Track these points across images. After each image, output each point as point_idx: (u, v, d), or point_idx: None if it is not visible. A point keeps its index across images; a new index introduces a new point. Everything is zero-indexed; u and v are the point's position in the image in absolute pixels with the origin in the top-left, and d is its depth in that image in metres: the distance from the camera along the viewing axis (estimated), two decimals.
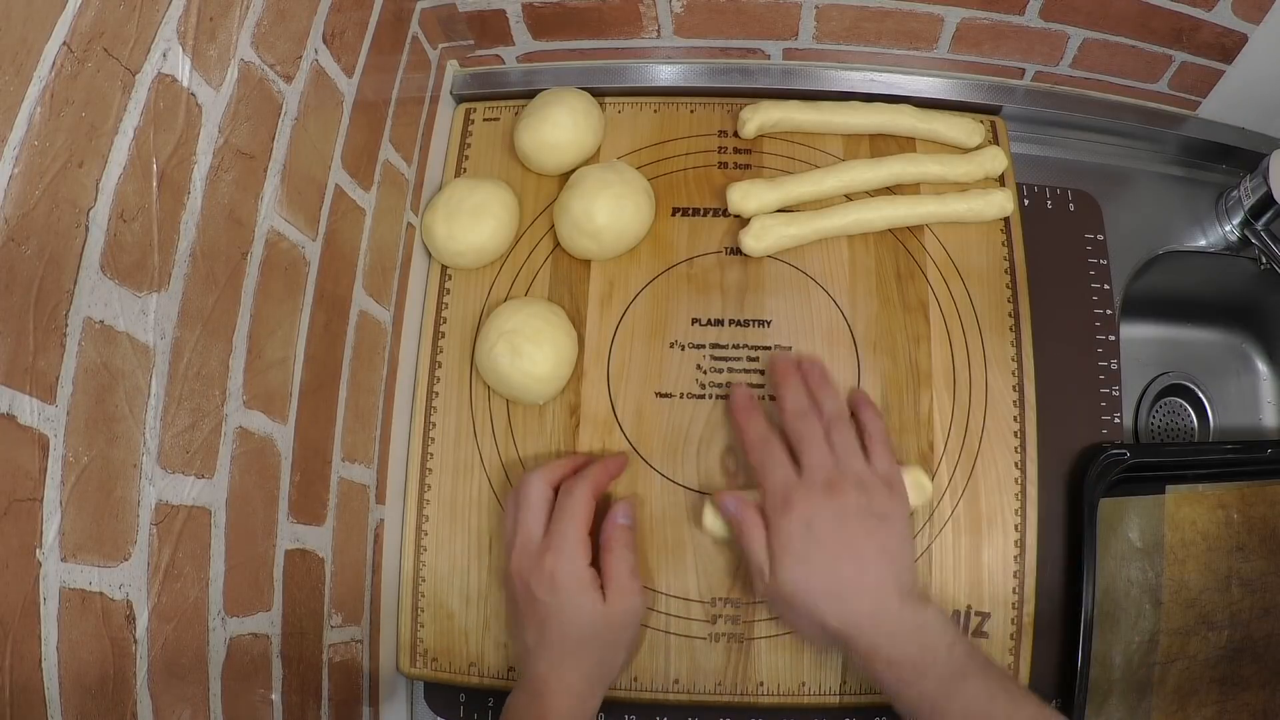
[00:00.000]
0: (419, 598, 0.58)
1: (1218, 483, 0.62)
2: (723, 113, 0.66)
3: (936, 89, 0.67)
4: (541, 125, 0.62)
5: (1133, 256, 0.67)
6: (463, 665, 0.58)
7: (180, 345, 0.37)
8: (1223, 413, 0.80)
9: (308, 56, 0.46)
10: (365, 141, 0.54)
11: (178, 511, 0.37)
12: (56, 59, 0.30)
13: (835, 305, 0.61)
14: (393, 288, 0.59)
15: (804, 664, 0.56)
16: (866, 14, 0.62)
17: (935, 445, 0.58)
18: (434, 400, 0.61)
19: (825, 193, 0.62)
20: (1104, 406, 0.63)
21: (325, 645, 0.50)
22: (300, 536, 0.47)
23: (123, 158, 0.33)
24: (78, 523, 0.31)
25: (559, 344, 0.58)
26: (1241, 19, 0.58)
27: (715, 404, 0.59)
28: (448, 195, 0.62)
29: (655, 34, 0.65)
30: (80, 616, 0.31)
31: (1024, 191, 0.66)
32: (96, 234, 0.32)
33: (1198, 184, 0.70)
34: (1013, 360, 0.60)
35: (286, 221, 0.45)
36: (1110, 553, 0.60)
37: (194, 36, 0.37)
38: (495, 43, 0.66)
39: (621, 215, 0.59)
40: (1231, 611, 0.62)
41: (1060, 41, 0.63)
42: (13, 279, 0.29)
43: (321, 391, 0.49)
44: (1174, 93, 0.67)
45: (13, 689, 0.28)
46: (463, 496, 0.59)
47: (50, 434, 0.30)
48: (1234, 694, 0.61)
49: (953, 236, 0.62)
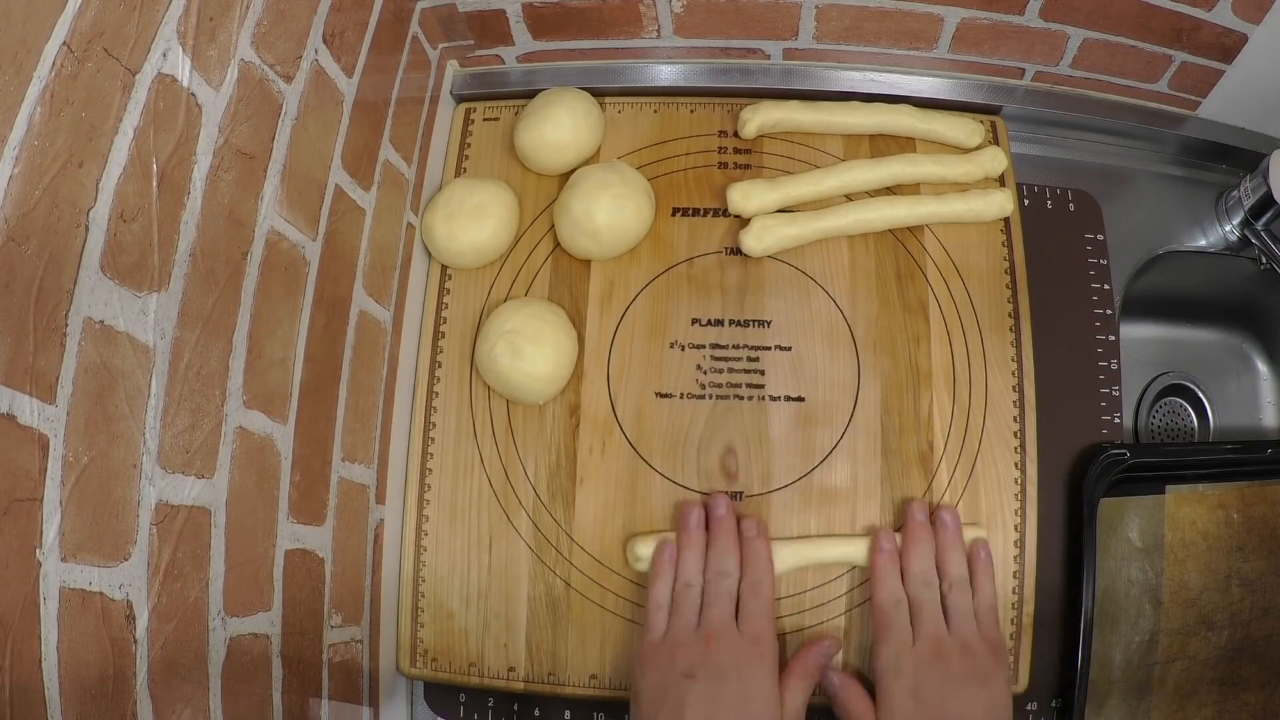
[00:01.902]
0: (419, 598, 0.58)
1: (1218, 483, 0.62)
2: (723, 113, 0.66)
3: (936, 89, 0.67)
4: (541, 125, 0.62)
5: (1133, 256, 0.67)
6: (463, 665, 0.58)
7: (180, 345, 0.37)
8: (1223, 413, 0.80)
9: (308, 56, 0.46)
10: (365, 141, 0.54)
11: (178, 511, 0.37)
12: (56, 59, 0.30)
13: (835, 305, 0.61)
14: (393, 288, 0.59)
15: None
16: (866, 14, 0.62)
17: (935, 445, 0.58)
18: (434, 400, 0.61)
19: (825, 193, 0.62)
20: (1104, 406, 0.63)
21: (325, 645, 0.50)
22: (300, 536, 0.47)
23: (123, 158, 0.33)
24: (78, 523, 0.31)
25: (559, 344, 0.58)
26: (1241, 19, 0.58)
27: (715, 404, 0.59)
28: (448, 195, 0.62)
29: (655, 34, 0.65)
30: (80, 616, 0.31)
31: (1024, 191, 0.66)
32: (96, 234, 0.32)
33: (1198, 184, 0.70)
34: (1013, 360, 0.60)
35: (286, 221, 0.45)
36: (1110, 553, 0.60)
37: (194, 36, 0.37)
38: (495, 43, 0.66)
39: (622, 215, 0.59)
40: (1231, 611, 0.61)
41: (1060, 41, 0.63)
42: (13, 279, 0.29)
43: (321, 391, 0.49)
44: (1174, 93, 0.67)
45: (13, 689, 0.28)
46: (463, 496, 0.59)
47: (50, 434, 0.30)
48: (1234, 694, 0.61)
49: (953, 237, 0.62)
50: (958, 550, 0.55)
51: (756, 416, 0.59)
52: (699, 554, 0.54)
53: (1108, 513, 0.60)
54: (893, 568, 0.55)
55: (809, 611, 0.56)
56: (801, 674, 0.52)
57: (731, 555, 0.54)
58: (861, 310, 0.61)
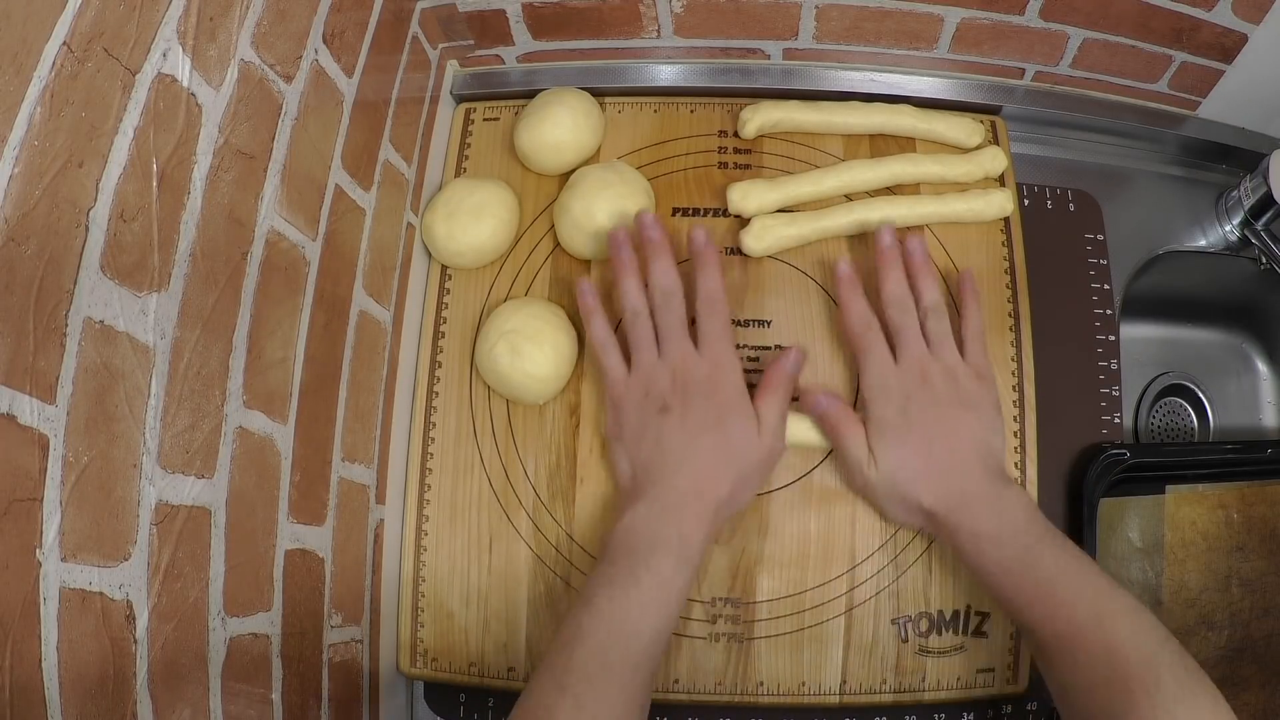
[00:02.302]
0: (419, 598, 0.58)
1: (1218, 483, 0.62)
2: (723, 113, 0.66)
3: (936, 89, 0.67)
4: (541, 125, 0.62)
5: (1133, 256, 0.67)
6: (463, 665, 0.58)
7: (180, 345, 0.37)
8: (1223, 413, 0.80)
9: (308, 56, 0.46)
10: (365, 141, 0.54)
11: (178, 511, 0.37)
12: (56, 59, 0.30)
13: (835, 305, 0.61)
14: (393, 288, 0.59)
15: (804, 664, 0.56)
16: (866, 14, 0.62)
17: None
18: (434, 400, 0.61)
19: (825, 193, 0.62)
20: (1104, 406, 0.63)
21: (325, 645, 0.50)
22: (300, 536, 0.47)
23: (123, 158, 0.33)
24: (78, 523, 0.31)
25: (559, 344, 0.58)
26: (1241, 19, 0.58)
27: None
28: (448, 195, 0.62)
29: (655, 34, 0.65)
30: (80, 616, 0.31)
31: (1024, 191, 0.66)
32: (96, 234, 0.32)
33: (1198, 184, 0.70)
34: (1012, 360, 0.60)
35: (286, 221, 0.45)
36: (1110, 553, 0.61)
37: (194, 36, 0.37)
38: (495, 43, 0.66)
39: (622, 215, 0.59)
40: (1231, 611, 0.62)
41: (1060, 41, 0.63)
42: (13, 279, 0.29)
43: (321, 391, 0.49)
44: (1174, 93, 0.67)
45: (13, 689, 0.28)
46: (463, 496, 0.59)
47: (50, 434, 0.30)
48: (1234, 694, 0.61)
49: (953, 236, 0.62)
50: (929, 276, 0.55)
51: None
52: (637, 279, 0.54)
53: (1108, 513, 0.60)
54: (857, 292, 0.55)
55: (809, 611, 0.56)
56: (774, 387, 0.53)
57: (672, 273, 0.53)
58: None
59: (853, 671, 0.56)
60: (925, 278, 0.55)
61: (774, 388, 0.53)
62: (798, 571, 0.57)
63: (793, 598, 0.56)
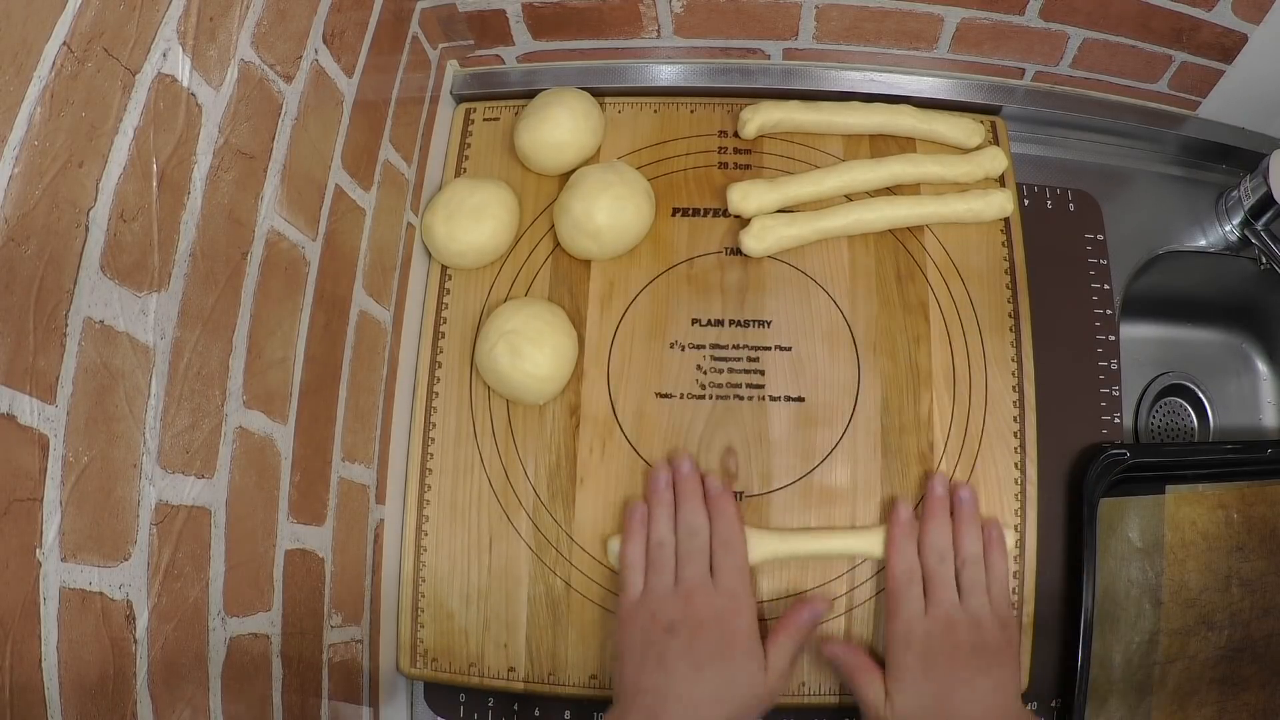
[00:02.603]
0: (419, 598, 0.58)
1: (1218, 483, 0.62)
2: (723, 113, 0.66)
3: (936, 89, 0.67)
4: (541, 125, 0.62)
5: (1133, 256, 0.67)
6: (463, 665, 0.58)
7: (180, 345, 0.37)
8: (1223, 413, 0.80)
9: (308, 56, 0.46)
10: (365, 141, 0.54)
11: (178, 511, 0.37)
12: (56, 59, 0.30)
13: (835, 306, 0.61)
14: (393, 288, 0.59)
15: (804, 664, 0.56)
16: (866, 14, 0.62)
17: (935, 445, 0.58)
18: (434, 400, 0.61)
19: (825, 193, 0.62)
20: (1104, 406, 0.63)
21: (325, 645, 0.50)
22: (300, 536, 0.47)
23: (123, 158, 0.33)
24: (78, 523, 0.31)
25: (559, 344, 0.58)
26: (1241, 19, 0.58)
27: (715, 404, 0.59)
28: (448, 195, 0.62)
29: (655, 34, 0.65)
30: (80, 616, 0.31)
31: (1024, 191, 0.66)
32: (96, 234, 0.32)
33: (1198, 184, 0.70)
34: (1013, 360, 0.60)
35: (286, 221, 0.45)
36: (1110, 553, 0.60)
37: (194, 36, 0.37)
38: (495, 43, 0.66)
39: (622, 215, 0.59)
40: (1231, 611, 0.61)
41: (1060, 41, 0.63)
42: (13, 279, 0.29)
43: (321, 391, 0.49)
44: (1174, 93, 0.67)
45: (13, 689, 0.28)
46: (463, 496, 0.59)
47: (50, 434, 0.30)
48: (1234, 694, 0.61)
49: (953, 237, 0.62)
50: (974, 527, 0.55)
51: (756, 417, 0.59)
52: (669, 513, 0.55)
53: (1108, 513, 0.60)
54: (909, 540, 0.55)
55: None
56: (789, 632, 0.52)
57: (700, 513, 0.54)
58: (861, 310, 0.61)
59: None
60: (971, 527, 0.55)
61: (789, 633, 0.52)
62: (798, 572, 0.57)
63: (792, 598, 0.56)
